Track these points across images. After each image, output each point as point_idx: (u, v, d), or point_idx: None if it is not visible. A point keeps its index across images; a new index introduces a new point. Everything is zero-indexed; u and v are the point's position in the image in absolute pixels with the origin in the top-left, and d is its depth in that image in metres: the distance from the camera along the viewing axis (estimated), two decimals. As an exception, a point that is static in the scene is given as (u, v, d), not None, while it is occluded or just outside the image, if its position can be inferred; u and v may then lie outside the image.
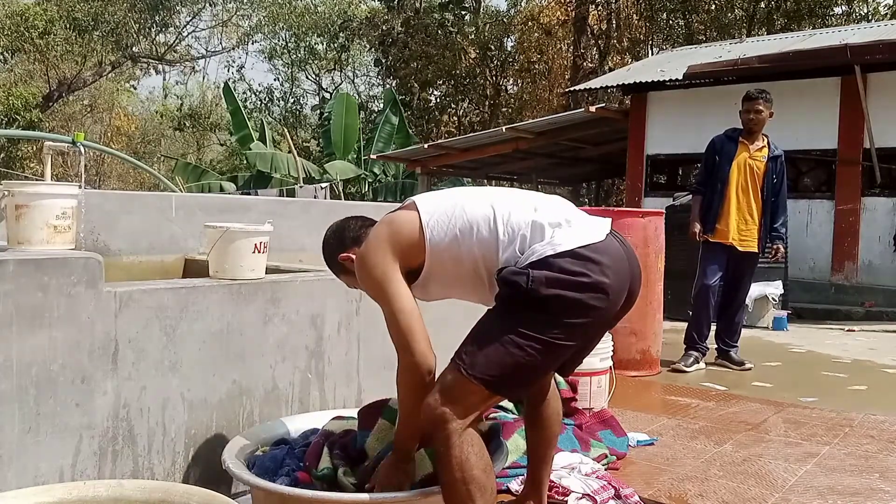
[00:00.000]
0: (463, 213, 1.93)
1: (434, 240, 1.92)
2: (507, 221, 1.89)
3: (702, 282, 4.97)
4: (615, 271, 1.86)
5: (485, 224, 1.90)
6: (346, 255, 2.08)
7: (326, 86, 30.05)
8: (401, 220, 1.97)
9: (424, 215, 1.94)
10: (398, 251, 1.92)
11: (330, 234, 2.17)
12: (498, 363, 1.82)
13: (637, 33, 22.31)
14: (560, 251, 1.83)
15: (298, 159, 15.62)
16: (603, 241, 1.89)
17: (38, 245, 2.32)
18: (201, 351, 2.35)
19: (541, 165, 15.56)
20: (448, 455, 1.82)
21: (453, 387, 1.83)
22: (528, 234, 1.87)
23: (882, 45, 8.43)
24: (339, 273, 2.17)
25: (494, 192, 2.03)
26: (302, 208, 4.00)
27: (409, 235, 1.93)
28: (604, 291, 1.83)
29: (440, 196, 2.03)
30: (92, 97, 26.74)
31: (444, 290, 2.04)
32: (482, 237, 1.90)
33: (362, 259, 1.96)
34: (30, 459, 1.97)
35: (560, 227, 1.88)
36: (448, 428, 1.81)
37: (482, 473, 1.84)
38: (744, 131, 4.98)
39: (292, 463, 2.17)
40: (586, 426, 3.13)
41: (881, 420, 3.75)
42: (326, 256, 2.17)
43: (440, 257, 1.93)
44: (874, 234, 8.87)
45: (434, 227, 1.92)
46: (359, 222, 2.13)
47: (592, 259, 1.83)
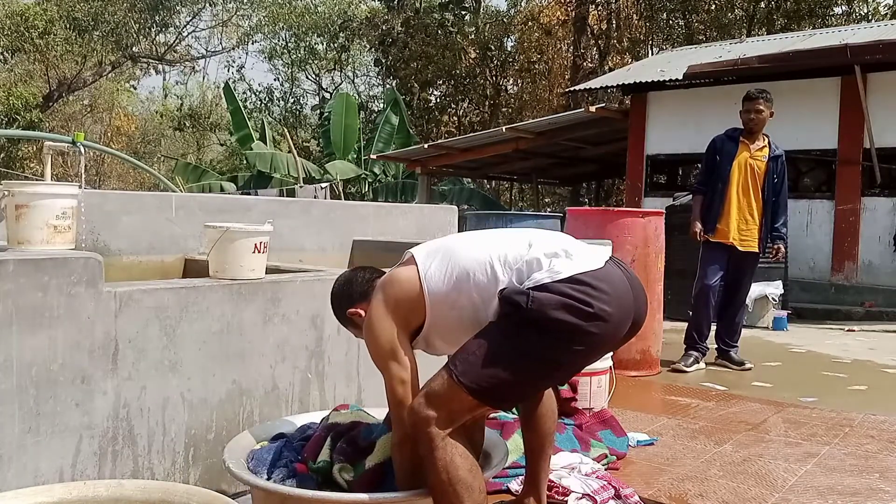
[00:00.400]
0: (458, 262, 1.95)
1: (432, 292, 1.94)
2: (504, 262, 1.92)
3: (702, 282, 4.97)
4: (616, 297, 1.87)
5: (480, 270, 1.92)
6: (354, 310, 2.10)
7: (326, 86, 30.07)
8: (400, 279, 1.99)
9: (422, 268, 1.97)
10: (401, 314, 1.95)
11: (338, 288, 2.18)
12: (491, 375, 1.83)
13: (637, 33, 22.31)
14: (559, 278, 1.84)
15: (298, 159, 15.62)
16: (602, 269, 1.90)
17: (38, 245, 2.32)
18: (201, 351, 2.35)
19: (541, 165, 15.57)
20: (432, 458, 1.84)
21: (441, 391, 1.85)
22: (524, 267, 1.90)
23: (882, 45, 8.42)
24: (347, 325, 2.19)
25: (488, 236, 2.07)
26: (302, 208, 4.00)
27: (409, 293, 1.95)
28: (603, 318, 1.84)
29: (436, 246, 2.05)
30: (92, 97, 26.74)
31: (448, 341, 2.03)
32: (479, 282, 1.91)
33: (367, 328, 1.99)
34: (30, 459, 1.97)
35: (557, 257, 1.91)
36: (431, 432, 1.83)
37: (468, 474, 1.85)
38: (744, 131, 4.98)
39: (290, 455, 2.17)
40: (586, 426, 3.13)
41: (881, 420, 3.75)
42: (335, 309, 2.19)
43: (440, 308, 1.95)
44: (874, 234, 8.87)
45: (430, 279, 1.95)
46: (366, 275, 2.15)
47: (591, 285, 1.84)
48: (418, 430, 1.85)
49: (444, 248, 2.02)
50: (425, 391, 1.87)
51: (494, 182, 21.48)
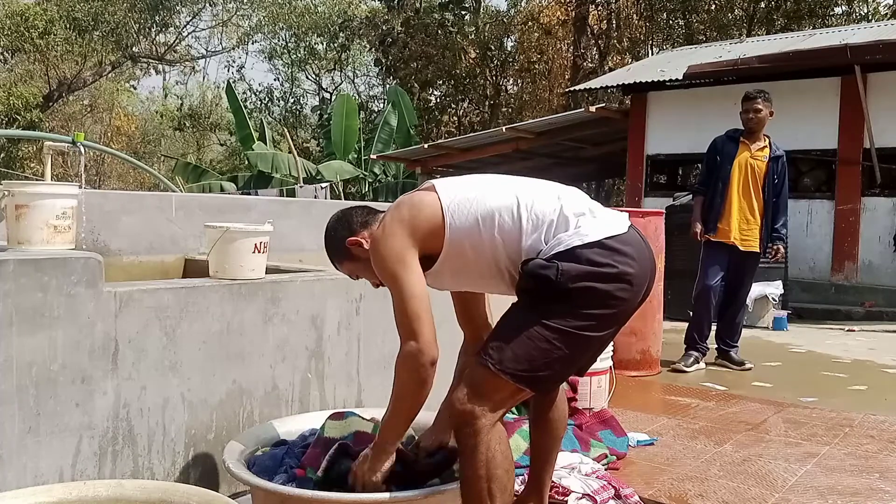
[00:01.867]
0: (485, 200, 1.88)
1: (454, 225, 1.87)
2: (531, 209, 1.86)
3: (703, 282, 4.97)
4: (639, 262, 1.86)
5: (507, 212, 1.86)
6: (355, 238, 1.99)
7: (326, 86, 30.07)
8: (421, 202, 1.91)
9: (445, 199, 1.89)
10: (417, 234, 1.86)
11: (335, 221, 2.09)
12: (526, 357, 1.79)
13: (637, 33, 22.30)
14: (588, 241, 1.81)
15: (299, 159, 15.62)
16: (627, 233, 1.88)
17: (38, 245, 2.32)
18: (201, 351, 2.35)
19: (541, 165, 15.55)
20: (475, 451, 1.81)
21: (482, 383, 1.82)
22: (553, 222, 1.84)
23: (882, 45, 8.42)
24: (343, 261, 2.07)
25: (516, 181, 2.00)
26: (302, 208, 4.00)
27: (430, 219, 1.87)
28: (629, 282, 1.82)
29: (461, 181, 1.98)
30: (92, 97, 26.73)
31: (457, 279, 1.99)
32: (504, 225, 1.85)
33: (379, 240, 1.88)
34: (30, 459, 1.97)
35: (584, 217, 1.86)
36: (477, 424, 1.80)
37: (505, 474, 1.84)
38: (745, 131, 4.98)
39: (291, 461, 2.17)
40: (586, 426, 3.13)
41: (881, 420, 3.75)
42: (331, 243, 2.07)
43: (459, 244, 1.88)
44: (874, 234, 8.87)
45: (455, 211, 1.87)
46: (365, 210, 2.08)
47: (619, 250, 1.82)
48: (466, 422, 1.81)
49: (468, 185, 1.95)
50: (467, 385, 1.83)
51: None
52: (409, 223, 1.87)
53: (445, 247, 1.88)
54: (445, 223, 1.87)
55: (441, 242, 1.88)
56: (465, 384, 1.85)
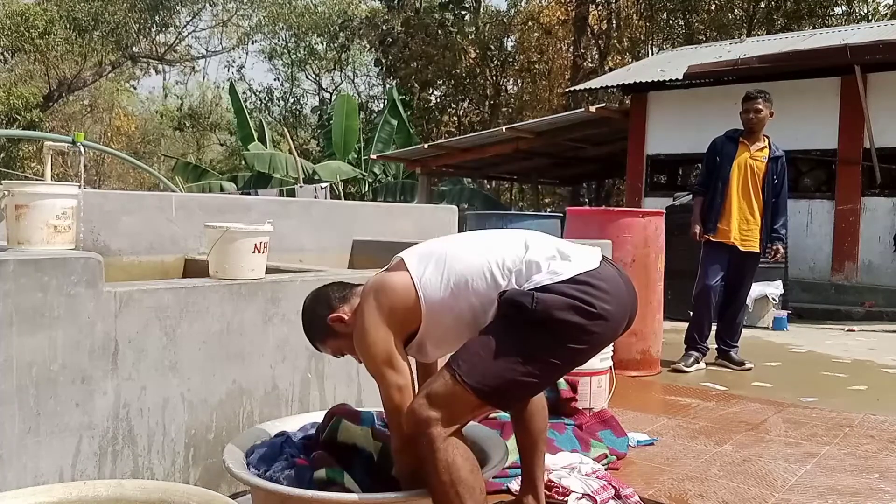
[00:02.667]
0: (454, 267, 1.93)
1: (429, 299, 1.91)
2: (502, 266, 1.91)
3: (703, 282, 4.97)
4: (614, 296, 1.89)
5: (479, 275, 1.91)
6: (336, 315, 2.02)
7: (326, 86, 30.08)
8: (393, 284, 1.94)
9: (415, 274, 1.93)
10: (396, 321, 1.91)
11: (311, 301, 2.11)
12: (495, 375, 1.83)
13: (637, 33, 22.31)
14: (560, 279, 1.85)
15: (298, 159, 15.62)
16: (598, 268, 1.91)
17: (38, 245, 2.32)
18: (201, 351, 2.35)
19: (541, 165, 15.57)
20: (434, 459, 1.82)
21: (443, 392, 1.84)
22: (523, 269, 1.89)
23: (882, 45, 8.43)
24: (326, 339, 2.09)
25: (483, 238, 2.05)
26: (302, 208, 4.00)
27: (405, 301, 1.91)
28: (604, 317, 1.85)
29: (428, 250, 2.01)
30: (92, 97, 26.74)
31: (441, 347, 2.03)
32: (478, 288, 1.90)
33: (361, 336, 1.93)
34: (30, 459, 1.97)
35: (555, 259, 1.91)
36: (432, 432, 1.82)
37: (470, 474, 1.85)
38: (744, 132, 4.98)
39: (291, 450, 2.18)
40: (586, 426, 3.13)
41: (881, 420, 3.75)
42: (311, 324, 2.10)
43: (437, 315, 1.92)
44: (874, 234, 8.87)
45: (427, 286, 1.92)
46: (340, 286, 2.11)
47: (592, 284, 1.86)
48: (419, 432, 1.84)
49: (437, 253, 1.98)
50: (426, 392, 1.86)
51: (495, 182, 21.48)
52: (388, 312, 1.91)
53: (424, 321, 1.93)
54: (420, 299, 1.91)
55: (419, 318, 1.93)
56: (424, 391, 1.87)
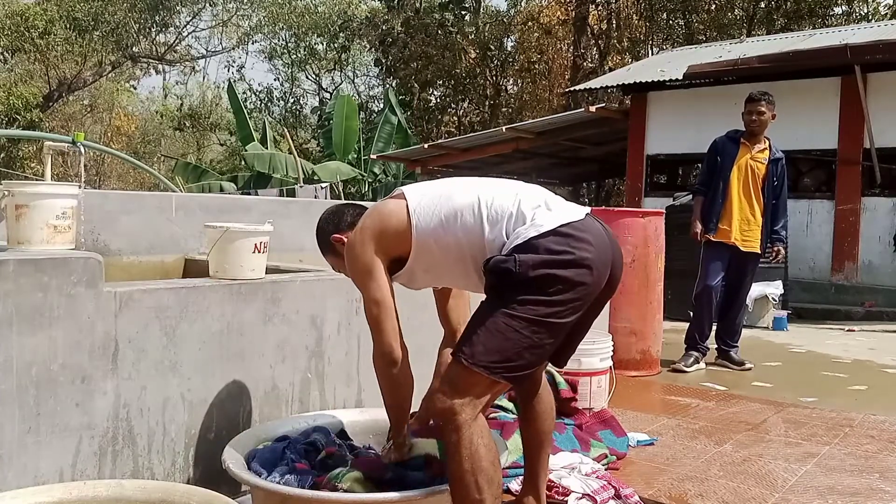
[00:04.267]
0: (448, 201, 2.02)
1: (420, 226, 2.00)
2: (490, 206, 1.98)
3: (704, 282, 4.96)
4: (597, 247, 1.93)
5: (469, 210, 1.98)
6: (339, 236, 2.17)
7: (326, 86, 30.07)
8: (388, 209, 2.06)
9: (412, 203, 2.03)
10: (384, 241, 2.02)
11: (327, 216, 2.26)
12: (497, 349, 1.86)
13: (637, 33, 22.30)
14: (543, 231, 1.90)
15: (298, 159, 15.62)
16: (582, 220, 1.96)
17: (38, 245, 2.32)
18: (201, 351, 2.35)
19: (541, 165, 15.56)
20: (458, 446, 1.86)
21: (457, 379, 1.88)
22: (512, 217, 1.95)
23: (882, 45, 8.42)
24: (327, 254, 2.26)
25: (479, 182, 2.12)
26: (302, 208, 4.00)
27: (397, 224, 2.02)
28: (588, 267, 1.90)
29: (428, 186, 2.12)
30: (92, 97, 26.72)
31: (429, 277, 2.13)
32: (466, 223, 1.97)
33: (350, 247, 2.07)
34: (30, 459, 1.97)
35: (539, 209, 1.96)
36: (457, 420, 1.85)
37: (491, 466, 1.88)
38: (746, 133, 4.97)
39: (293, 455, 2.18)
40: (586, 426, 3.13)
41: (881, 420, 3.75)
42: (320, 236, 2.25)
43: (426, 243, 2.01)
44: (874, 234, 8.87)
45: (420, 213, 2.01)
46: (356, 209, 2.24)
47: (574, 236, 1.91)
48: (446, 419, 1.87)
49: (434, 188, 2.09)
50: (441, 384, 1.90)
51: (494, 182, 21.42)
52: (377, 232, 2.03)
53: (413, 247, 2.02)
54: (412, 225, 2.01)
55: (409, 244, 2.02)
56: (442, 381, 1.92)
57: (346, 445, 2.37)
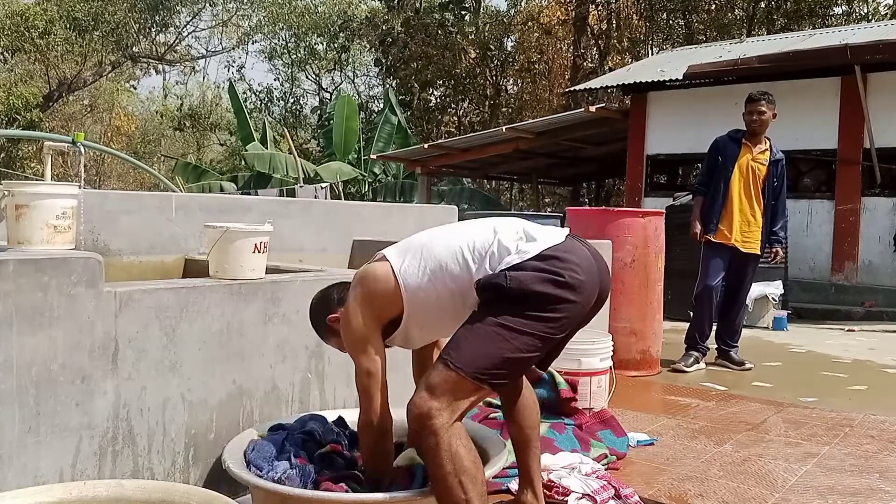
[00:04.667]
0: (431, 254, 2.04)
1: (409, 287, 2.02)
2: (473, 249, 2.01)
3: (704, 282, 4.96)
4: (583, 268, 1.98)
5: (452, 260, 2.01)
6: (334, 316, 2.16)
7: (326, 86, 30.06)
8: (374, 275, 2.07)
9: (395, 265, 2.05)
10: (375, 306, 2.04)
11: (316, 301, 2.27)
12: (485, 355, 1.89)
13: (637, 33, 22.30)
14: (528, 257, 1.95)
15: (298, 159, 15.62)
16: (564, 242, 2.01)
17: (38, 245, 2.32)
18: (201, 351, 2.35)
19: (541, 165, 15.57)
20: (437, 449, 1.86)
21: (440, 382, 1.89)
22: (495, 252, 1.99)
23: (882, 45, 8.42)
24: (327, 337, 2.25)
25: (454, 228, 2.17)
26: (302, 208, 4.00)
27: (384, 288, 2.03)
28: (574, 286, 1.94)
29: (406, 243, 2.13)
30: (92, 97, 26.72)
31: (426, 332, 2.14)
32: (453, 272, 2.00)
33: (343, 320, 2.08)
34: (30, 459, 1.97)
35: (522, 240, 2.01)
36: (434, 424, 1.86)
37: (472, 465, 1.88)
38: (746, 133, 4.97)
39: (293, 448, 2.19)
40: (586, 426, 3.13)
41: (881, 420, 3.75)
42: (316, 324, 2.26)
43: (418, 300, 2.03)
44: (874, 234, 8.87)
45: (407, 274, 2.03)
46: (341, 287, 2.23)
47: (559, 257, 1.96)
48: (422, 423, 1.87)
49: (414, 244, 2.11)
50: (425, 385, 1.90)
51: (494, 182, 21.48)
52: (367, 299, 2.05)
53: (406, 307, 2.04)
54: (400, 286, 2.03)
55: (400, 304, 2.04)
56: (422, 385, 1.92)
57: (347, 434, 2.37)
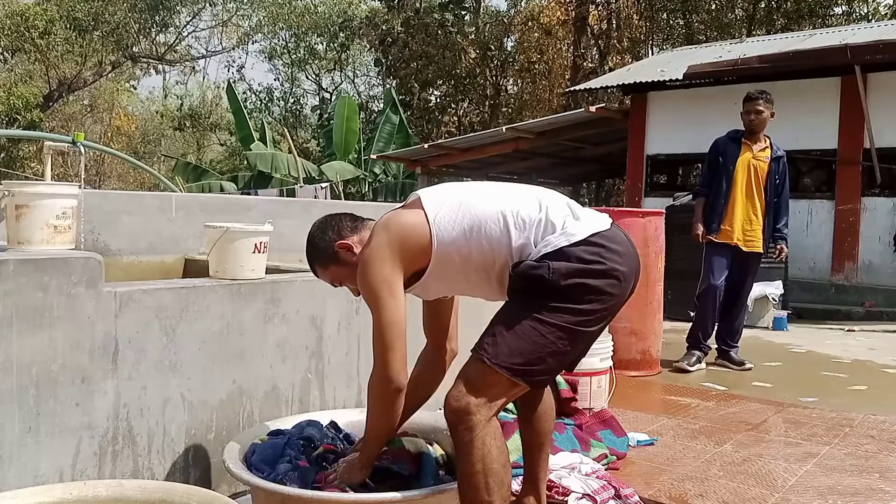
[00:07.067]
0: (470, 210, 1.92)
1: (441, 237, 1.90)
2: (517, 216, 1.91)
3: (708, 282, 4.93)
4: (625, 258, 1.91)
5: (493, 220, 1.90)
6: (345, 242, 2.01)
7: (326, 86, 30.06)
8: (408, 220, 1.93)
9: (431, 213, 1.93)
10: (406, 255, 1.90)
11: (321, 224, 2.08)
12: (521, 351, 1.84)
13: (637, 33, 22.30)
14: (575, 241, 1.87)
15: (298, 159, 15.62)
16: (610, 230, 1.93)
17: (38, 245, 2.32)
18: (201, 351, 2.35)
19: (541, 165, 15.56)
20: (471, 446, 1.83)
21: (476, 378, 1.85)
22: (541, 224, 1.90)
23: (882, 45, 8.42)
24: (329, 265, 2.06)
25: (500, 188, 2.04)
26: (302, 208, 4.00)
27: (417, 237, 1.91)
28: (618, 278, 1.88)
29: (446, 191, 2.01)
30: (92, 97, 26.73)
31: (443, 286, 2.03)
32: (491, 233, 1.90)
33: (367, 262, 1.91)
34: (30, 459, 1.97)
35: (569, 218, 1.92)
36: (472, 420, 1.83)
37: (502, 468, 1.86)
38: (746, 132, 4.97)
39: (294, 452, 2.18)
40: (586, 426, 3.12)
41: (881, 420, 3.75)
42: (317, 246, 2.06)
43: (447, 255, 1.91)
44: (874, 234, 8.87)
45: (441, 224, 1.91)
46: (351, 216, 2.10)
47: (605, 246, 1.88)
48: (460, 418, 1.84)
49: (453, 196, 1.97)
50: (463, 380, 1.86)
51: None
52: (398, 244, 1.90)
53: (433, 259, 1.92)
54: (433, 237, 1.91)
55: (429, 256, 1.92)
56: (460, 380, 1.88)
57: (342, 437, 2.37)
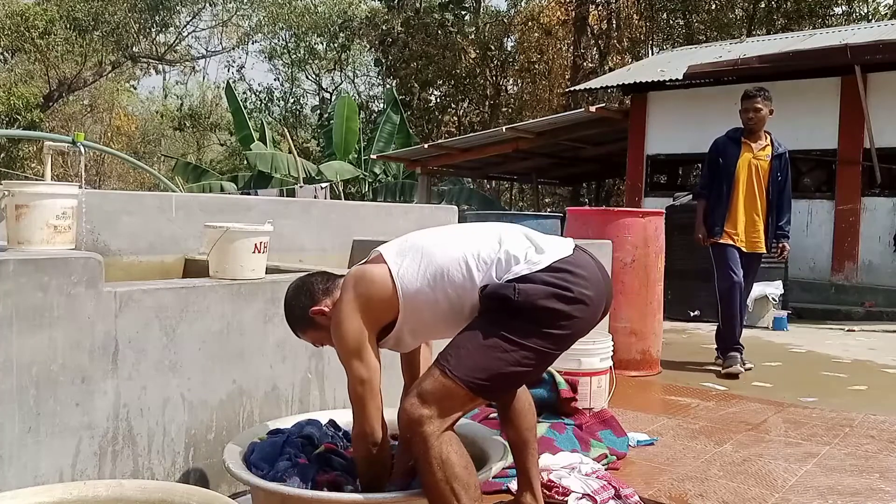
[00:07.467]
0: (431, 259, 1.96)
1: (407, 290, 1.93)
2: (478, 258, 1.94)
3: (729, 280, 4.82)
4: (591, 281, 1.93)
5: (455, 268, 1.93)
6: (318, 308, 2.04)
7: (326, 86, 30.06)
8: (372, 276, 1.97)
9: (394, 267, 1.96)
10: (372, 311, 1.94)
11: (294, 291, 2.12)
12: (484, 367, 1.85)
13: (637, 33, 22.31)
14: (538, 268, 1.89)
15: (298, 159, 15.62)
16: (572, 255, 1.96)
17: (39, 245, 2.32)
18: (201, 351, 2.35)
19: (541, 165, 15.57)
20: (427, 456, 1.84)
21: (434, 389, 1.86)
22: (502, 260, 1.92)
23: (882, 45, 8.42)
24: (307, 329, 2.11)
25: (459, 232, 2.08)
26: (302, 208, 4.00)
27: (381, 292, 1.94)
28: (583, 302, 1.90)
29: (404, 243, 2.05)
30: (92, 97, 26.74)
31: (419, 337, 2.08)
32: (455, 280, 1.93)
33: (337, 322, 1.96)
34: (30, 459, 1.97)
35: (531, 250, 1.95)
36: (425, 430, 1.83)
37: (464, 471, 1.86)
38: (745, 131, 4.95)
39: (293, 450, 2.19)
40: (586, 426, 3.13)
41: (881, 420, 3.75)
42: (293, 313, 2.11)
43: (414, 307, 1.95)
44: (874, 234, 8.87)
45: (405, 276, 1.94)
46: (324, 276, 2.12)
47: (570, 271, 1.91)
48: (413, 430, 1.85)
49: (415, 246, 2.01)
50: (417, 391, 1.87)
51: (494, 182, 21.48)
52: (364, 302, 1.94)
53: (401, 312, 1.95)
54: (397, 290, 1.94)
55: (396, 309, 1.95)
56: (416, 390, 1.89)
57: (342, 436, 2.37)
